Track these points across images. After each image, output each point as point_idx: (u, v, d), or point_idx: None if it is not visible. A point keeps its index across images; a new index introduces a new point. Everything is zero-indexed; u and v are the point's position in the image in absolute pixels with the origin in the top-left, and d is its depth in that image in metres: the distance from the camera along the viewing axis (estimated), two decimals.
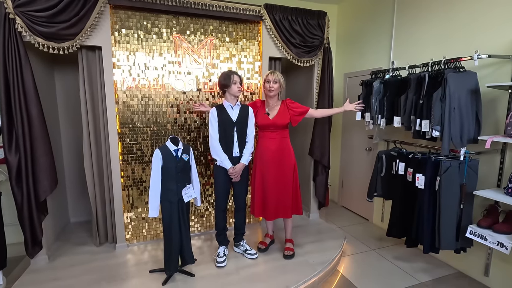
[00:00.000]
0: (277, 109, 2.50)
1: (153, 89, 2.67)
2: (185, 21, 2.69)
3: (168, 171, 2.12)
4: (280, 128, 2.48)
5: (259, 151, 2.53)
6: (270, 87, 2.43)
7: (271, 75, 2.44)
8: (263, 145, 2.50)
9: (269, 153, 2.47)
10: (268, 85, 2.44)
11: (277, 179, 2.47)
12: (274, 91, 2.45)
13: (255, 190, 2.53)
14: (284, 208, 2.51)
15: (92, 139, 2.62)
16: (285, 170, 2.49)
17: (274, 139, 2.48)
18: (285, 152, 2.50)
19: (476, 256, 2.42)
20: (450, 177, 2.21)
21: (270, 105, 2.52)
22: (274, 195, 2.48)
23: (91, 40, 2.39)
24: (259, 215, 2.55)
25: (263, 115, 2.49)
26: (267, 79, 2.45)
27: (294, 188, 2.54)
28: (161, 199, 2.14)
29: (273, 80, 2.42)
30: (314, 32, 3.04)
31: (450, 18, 2.55)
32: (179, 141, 2.18)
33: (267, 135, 2.49)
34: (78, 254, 2.61)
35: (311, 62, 3.11)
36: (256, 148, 2.57)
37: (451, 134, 2.15)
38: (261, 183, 2.51)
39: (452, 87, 2.12)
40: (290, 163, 2.50)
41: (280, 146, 2.48)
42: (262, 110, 2.53)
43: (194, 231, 2.99)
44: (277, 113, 2.48)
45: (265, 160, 2.48)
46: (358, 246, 3.06)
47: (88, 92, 2.57)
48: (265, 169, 2.48)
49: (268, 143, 2.48)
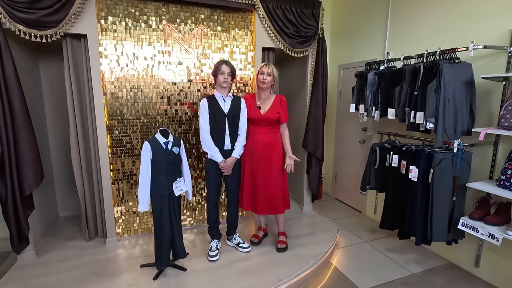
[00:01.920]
0: (270, 103, 2.44)
1: (143, 80, 2.59)
2: (175, 9, 2.60)
3: (158, 164, 2.06)
4: (272, 123, 2.42)
5: (249, 145, 2.47)
6: (264, 79, 2.36)
7: (265, 67, 2.37)
8: (254, 139, 2.44)
9: (259, 147, 2.42)
10: (262, 77, 2.37)
11: (266, 173, 2.43)
12: (267, 84, 2.38)
13: (244, 184, 2.48)
14: (275, 204, 2.47)
15: (79, 131, 2.54)
16: (275, 164, 2.44)
17: (265, 133, 2.43)
18: (275, 146, 2.45)
19: (467, 248, 2.44)
20: (443, 170, 2.20)
21: (262, 98, 2.45)
22: (264, 189, 2.44)
23: (75, 28, 2.29)
24: (247, 208, 2.51)
25: (255, 109, 2.42)
26: (261, 71, 2.38)
27: (283, 183, 2.51)
28: (151, 193, 2.09)
29: (267, 72, 2.35)
30: (308, 22, 2.97)
31: (446, 10, 2.51)
32: (169, 133, 2.12)
33: (258, 130, 2.43)
34: (67, 249, 2.56)
35: (305, 53, 3.05)
36: (246, 141, 2.52)
37: (445, 126, 2.14)
38: (250, 177, 2.46)
39: (447, 78, 2.09)
40: (279, 157, 2.46)
41: (271, 141, 2.43)
42: (254, 103, 2.46)
43: (187, 225, 2.96)
44: (269, 108, 2.42)
45: (255, 154, 2.43)
46: (351, 238, 3.06)
47: (74, 82, 2.47)
48: (255, 163, 2.43)
49: (259, 137, 2.43)
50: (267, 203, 2.46)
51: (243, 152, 2.48)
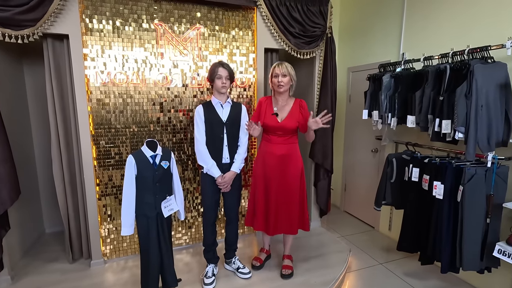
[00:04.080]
0: (288, 109, 2.13)
1: (132, 85, 2.34)
2: (168, 6, 2.36)
3: (144, 181, 1.79)
4: (290, 132, 2.11)
5: (261, 156, 2.18)
6: (280, 82, 2.06)
7: (278, 67, 2.06)
8: (267, 150, 2.15)
9: (273, 159, 2.12)
10: (277, 80, 2.06)
11: (282, 190, 2.13)
12: (285, 86, 2.08)
13: (256, 202, 2.19)
14: (289, 223, 2.17)
15: (62, 141, 2.29)
16: (292, 178, 2.14)
17: (281, 144, 2.12)
18: (292, 158, 2.14)
19: (502, 276, 2.11)
20: (474, 187, 1.89)
21: (280, 103, 2.15)
22: (278, 207, 2.14)
23: (56, 27, 2.06)
24: (259, 229, 2.22)
25: (271, 116, 2.12)
26: (274, 73, 2.09)
27: (301, 200, 2.20)
28: (136, 213, 1.82)
29: (282, 73, 2.05)
30: (316, 20, 2.70)
31: (475, 2, 2.21)
32: (158, 145, 1.85)
33: (273, 140, 2.14)
34: (47, 273, 2.29)
35: (312, 54, 2.78)
36: (258, 151, 2.23)
37: (477, 136, 1.83)
38: (263, 194, 2.17)
39: (479, 81, 1.79)
40: (296, 170, 2.15)
41: (288, 152, 2.13)
42: (270, 108, 2.16)
43: (182, 244, 2.68)
44: (287, 115, 2.11)
45: (268, 167, 2.14)
46: (364, 259, 2.75)
47: (56, 88, 2.24)
48: (269, 178, 2.14)
49: (274, 148, 2.13)
50: (280, 222, 2.16)
51: (255, 164, 2.20)
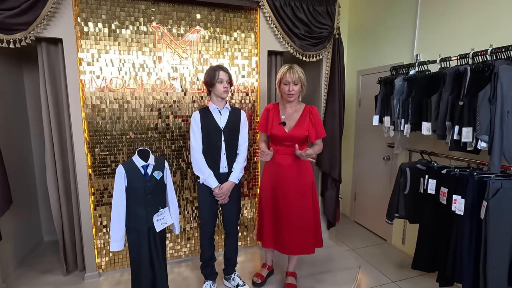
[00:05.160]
0: (297, 117, 1.98)
1: (129, 90, 2.25)
2: (167, 8, 2.26)
3: (135, 192, 1.68)
4: (299, 142, 1.93)
5: (269, 168, 2.04)
6: (290, 91, 1.89)
7: (290, 73, 1.88)
8: (275, 161, 1.99)
9: (282, 171, 1.97)
10: (287, 88, 1.90)
11: (293, 205, 1.97)
12: (295, 95, 1.93)
13: (264, 216, 2.04)
14: (304, 242, 2.00)
15: (56, 149, 2.21)
16: (303, 192, 1.98)
17: (290, 155, 1.96)
18: (303, 169, 1.98)
19: None
20: (500, 202, 1.68)
21: (288, 110, 2.00)
22: (291, 224, 1.97)
23: (49, 31, 1.99)
24: (268, 246, 2.06)
25: (278, 125, 1.97)
26: (285, 80, 1.91)
27: (314, 214, 2.04)
28: (127, 227, 1.70)
29: (293, 80, 1.88)
30: (322, 21, 2.55)
31: (494, 0, 2.02)
32: (150, 154, 1.73)
33: (281, 151, 1.98)
34: (39, 285, 2.21)
35: (318, 57, 2.63)
36: (266, 162, 2.07)
37: (503, 146, 1.63)
38: (271, 208, 2.02)
39: (505, 83, 1.60)
40: (308, 183, 2.00)
41: (297, 164, 1.97)
42: (277, 116, 2.01)
43: (181, 256, 2.54)
44: (296, 123, 1.96)
45: (277, 180, 1.99)
46: (376, 276, 2.54)
47: (51, 94, 2.16)
48: (277, 191, 1.99)
49: (282, 159, 1.98)
50: (295, 241, 1.99)
51: (263, 176, 2.05)
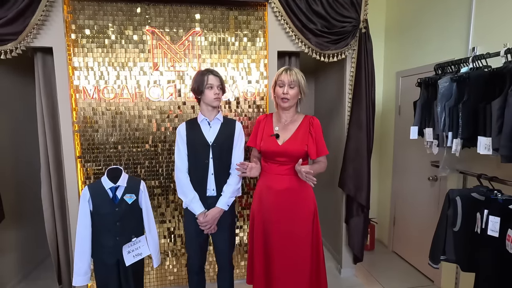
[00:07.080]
0: (293, 128, 1.62)
1: (123, 100, 2.08)
2: (163, 9, 2.06)
3: (101, 219, 1.45)
4: (295, 159, 1.56)
5: (258, 192, 1.68)
6: (285, 94, 1.55)
7: (286, 74, 1.56)
8: (266, 183, 1.64)
9: (273, 197, 1.61)
10: (282, 91, 1.56)
11: (287, 241, 1.60)
12: (290, 100, 1.57)
13: (255, 251, 1.68)
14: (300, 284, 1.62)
15: (52, 162, 2.13)
16: (300, 224, 1.61)
17: (284, 176, 1.60)
18: (300, 195, 1.61)
19: None
20: None
21: (283, 121, 1.65)
22: (283, 265, 1.61)
23: (40, 40, 1.91)
24: (259, 287, 1.68)
25: (269, 137, 1.62)
26: (280, 81, 1.58)
27: (314, 254, 1.65)
28: (94, 259, 1.48)
29: (289, 82, 1.54)
30: (345, 13, 2.12)
31: None
32: (122, 174, 1.50)
33: (272, 169, 1.62)
34: None
35: (340, 56, 2.19)
36: (256, 184, 1.73)
37: None
38: (262, 241, 1.65)
39: None
40: (307, 212, 1.62)
41: (292, 187, 1.59)
42: (269, 128, 1.67)
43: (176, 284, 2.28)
44: (291, 136, 1.60)
45: (267, 207, 1.63)
46: None
47: (46, 106, 2.09)
48: (268, 221, 1.63)
49: (273, 181, 1.61)
50: (289, 282, 1.62)
51: (253, 203, 1.70)
